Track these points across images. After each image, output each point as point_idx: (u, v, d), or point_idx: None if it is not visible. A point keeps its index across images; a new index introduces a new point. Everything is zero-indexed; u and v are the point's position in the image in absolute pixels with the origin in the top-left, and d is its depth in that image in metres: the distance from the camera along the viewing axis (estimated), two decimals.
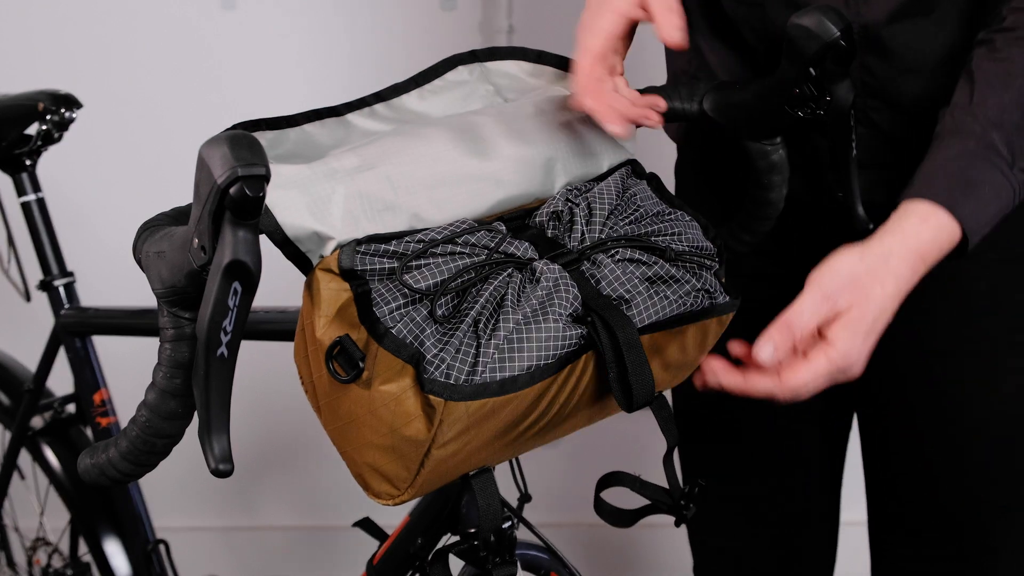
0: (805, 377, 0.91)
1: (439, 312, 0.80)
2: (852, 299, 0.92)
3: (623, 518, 0.98)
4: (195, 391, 0.73)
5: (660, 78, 1.10)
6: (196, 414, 0.75)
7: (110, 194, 2.11)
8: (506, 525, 0.99)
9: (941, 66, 1.04)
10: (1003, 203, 0.94)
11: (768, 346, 0.91)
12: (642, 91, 1.03)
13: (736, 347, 0.95)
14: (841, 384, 1.22)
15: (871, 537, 1.31)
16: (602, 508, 0.98)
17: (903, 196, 0.96)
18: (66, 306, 1.56)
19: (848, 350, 0.91)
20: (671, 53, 1.23)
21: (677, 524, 0.95)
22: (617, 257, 0.88)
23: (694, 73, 1.19)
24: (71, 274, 1.56)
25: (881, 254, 0.93)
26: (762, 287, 1.26)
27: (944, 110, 0.98)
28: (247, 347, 0.82)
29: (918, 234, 0.93)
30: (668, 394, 0.92)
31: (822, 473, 1.33)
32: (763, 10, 1.06)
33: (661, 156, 1.35)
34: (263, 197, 0.68)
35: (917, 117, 1.05)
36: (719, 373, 0.93)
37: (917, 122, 1.06)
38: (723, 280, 0.93)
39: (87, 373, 1.57)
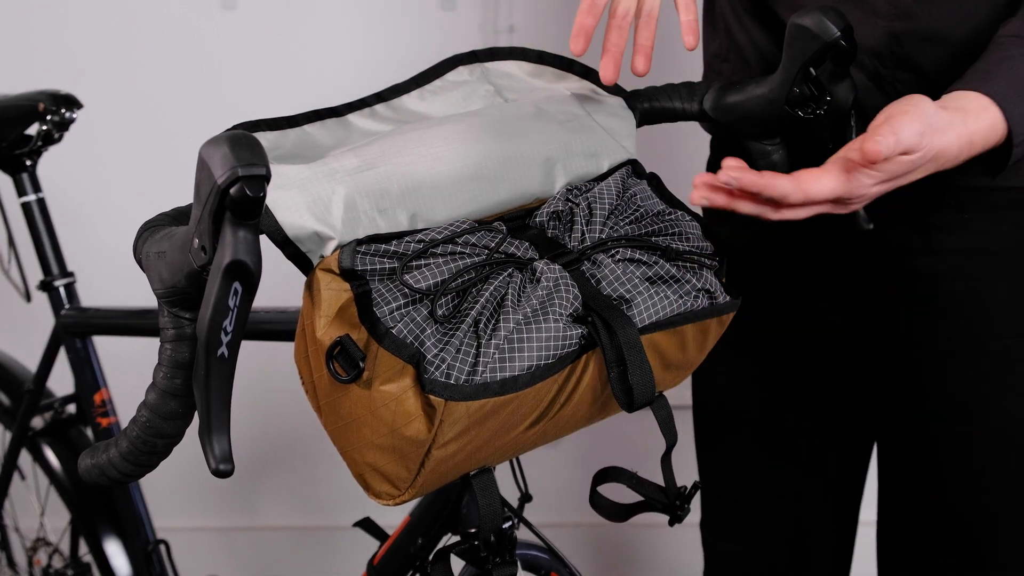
0: (822, 188, 0.91)
1: (439, 312, 0.80)
2: (928, 145, 0.92)
3: (618, 513, 0.98)
4: (195, 391, 0.73)
5: (675, 74, 1.10)
6: (196, 414, 0.75)
7: (110, 194, 2.11)
8: (506, 525, 0.99)
9: (969, 39, 1.04)
10: None
11: (890, 139, 0.89)
12: (641, 91, 1.03)
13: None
14: (860, 390, 1.21)
15: (879, 541, 1.31)
16: (597, 502, 0.99)
17: (958, 85, 0.97)
18: (66, 306, 1.56)
19: (864, 187, 0.92)
20: (706, 38, 1.24)
21: (671, 523, 0.95)
22: (617, 257, 0.88)
23: (725, 56, 1.20)
24: (71, 274, 1.56)
25: (948, 120, 0.94)
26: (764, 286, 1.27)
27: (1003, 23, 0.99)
28: (247, 347, 0.82)
29: (977, 119, 0.94)
30: (669, 394, 0.93)
31: (839, 479, 1.32)
32: None
33: (661, 156, 1.35)
34: (263, 197, 0.68)
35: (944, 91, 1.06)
36: (736, 170, 0.90)
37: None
38: (724, 280, 0.94)
39: (87, 373, 1.57)
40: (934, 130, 0.92)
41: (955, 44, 1.05)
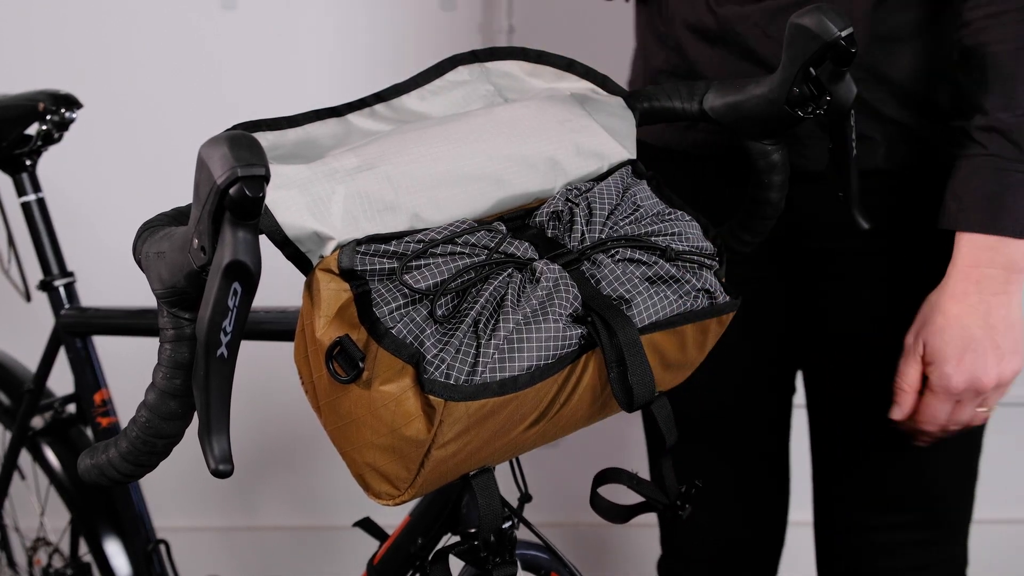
0: (928, 411, 1.10)
1: (439, 312, 0.80)
2: (926, 334, 1.09)
3: (618, 514, 0.98)
4: (195, 391, 0.73)
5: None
6: (196, 414, 0.75)
7: (110, 194, 2.11)
8: (506, 525, 0.99)
9: (918, 35, 1.12)
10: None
11: (895, 410, 1.12)
12: (641, 91, 1.03)
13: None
14: (778, 347, 1.30)
15: (816, 521, 1.38)
16: (598, 503, 0.99)
17: (945, 223, 1.08)
18: (66, 306, 1.55)
19: (943, 377, 1.08)
20: (649, 51, 1.25)
21: (672, 522, 0.96)
22: (617, 257, 0.88)
23: (672, 71, 1.21)
24: (71, 274, 1.56)
25: (940, 287, 1.09)
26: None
27: (967, 123, 1.07)
28: (247, 347, 0.82)
29: (963, 256, 1.07)
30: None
31: (776, 442, 1.40)
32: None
33: None
34: (263, 197, 0.68)
35: (899, 88, 1.13)
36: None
37: (898, 94, 1.13)
38: (723, 280, 0.94)
39: (87, 373, 1.56)
40: (926, 317, 1.09)
41: (902, 41, 1.11)
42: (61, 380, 1.64)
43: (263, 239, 0.74)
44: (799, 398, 1.41)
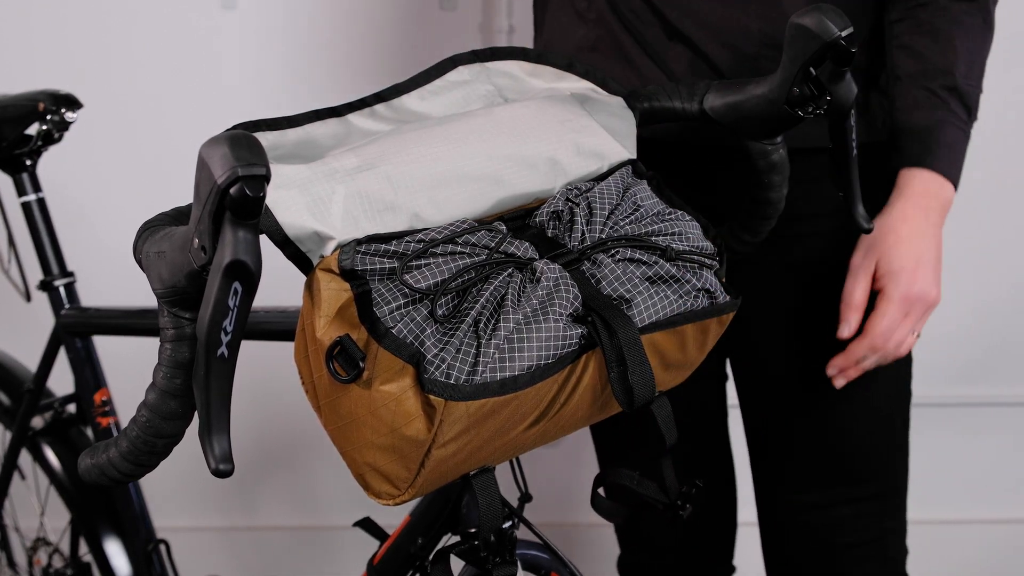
0: (883, 322, 1.15)
1: (439, 312, 0.80)
2: (879, 251, 1.16)
3: (619, 513, 0.98)
4: (195, 391, 0.73)
5: None
6: (196, 414, 0.75)
7: (110, 194, 2.11)
8: (506, 525, 0.99)
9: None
10: (964, 149, 1.19)
11: (844, 327, 1.17)
12: (641, 91, 1.03)
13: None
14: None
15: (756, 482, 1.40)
16: (598, 503, 0.99)
17: (905, 162, 1.17)
18: (66, 306, 1.55)
19: (900, 285, 1.15)
20: (567, 30, 1.28)
21: (672, 522, 0.96)
22: (617, 257, 0.88)
23: (592, 47, 1.23)
24: (71, 274, 1.56)
25: (887, 212, 1.17)
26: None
27: (931, 84, 1.18)
28: (247, 347, 0.82)
29: (914, 186, 1.17)
30: None
31: (715, 418, 1.44)
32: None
33: None
34: (263, 197, 0.68)
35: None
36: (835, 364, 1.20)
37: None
38: (723, 280, 0.94)
39: (87, 373, 1.57)
40: (876, 240, 1.16)
41: None
42: (61, 380, 1.64)
43: (263, 239, 0.74)
44: (731, 398, 1.44)
